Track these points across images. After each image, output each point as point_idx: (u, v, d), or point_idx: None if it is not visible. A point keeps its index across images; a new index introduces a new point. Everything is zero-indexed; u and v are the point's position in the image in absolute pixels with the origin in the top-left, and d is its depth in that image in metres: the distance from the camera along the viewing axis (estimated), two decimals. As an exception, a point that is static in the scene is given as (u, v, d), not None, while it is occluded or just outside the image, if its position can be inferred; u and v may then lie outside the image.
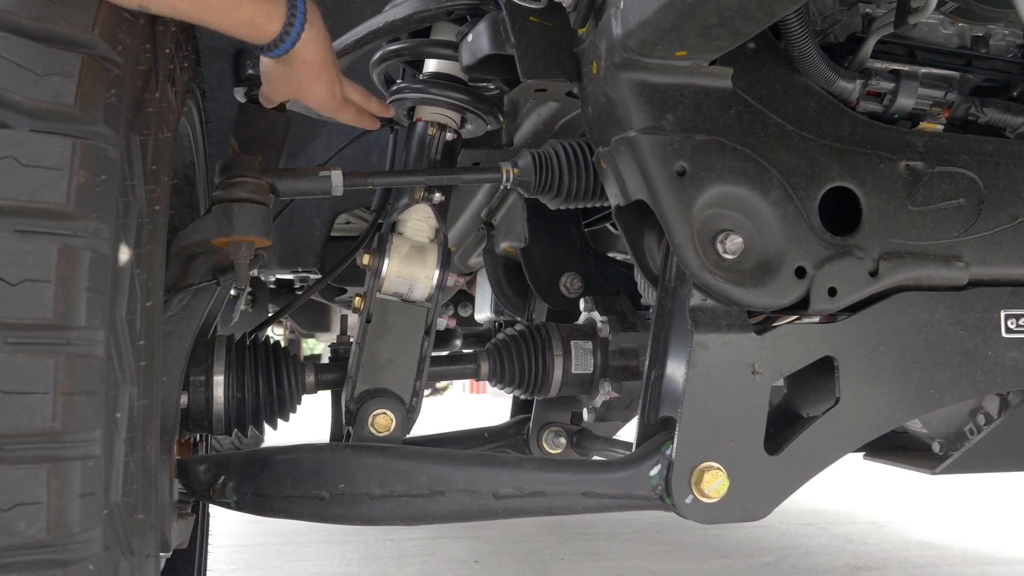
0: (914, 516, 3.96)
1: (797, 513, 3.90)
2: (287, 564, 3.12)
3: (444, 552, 3.23)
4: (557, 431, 1.67)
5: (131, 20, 0.90)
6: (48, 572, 0.71)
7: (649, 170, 1.07)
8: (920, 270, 1.15)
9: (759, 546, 3.29)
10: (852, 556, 3.18)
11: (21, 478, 0.70)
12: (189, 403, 1.26)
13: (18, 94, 0.77)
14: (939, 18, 1.25)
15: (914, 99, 1.19)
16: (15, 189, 0.74)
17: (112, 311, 0.78)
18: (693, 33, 0.95)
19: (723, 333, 1.09)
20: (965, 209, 1.19)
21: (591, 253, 1.73)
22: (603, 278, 1.71)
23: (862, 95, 1.18)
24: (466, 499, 1.12)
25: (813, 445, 1.11)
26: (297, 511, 1.17)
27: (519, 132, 1.55)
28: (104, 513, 0.75)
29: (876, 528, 3.70)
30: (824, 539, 3.45)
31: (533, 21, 1.17)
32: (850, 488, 4.57)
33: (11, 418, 0.70)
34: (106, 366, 0.76)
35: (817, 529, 3.63)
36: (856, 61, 1.19)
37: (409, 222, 1.34)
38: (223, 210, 1.12)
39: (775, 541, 3.38)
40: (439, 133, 1.34)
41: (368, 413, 1.27)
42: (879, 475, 4.76)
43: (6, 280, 0.71)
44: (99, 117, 0.80)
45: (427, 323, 1.33)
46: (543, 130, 1.50)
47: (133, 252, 0.82)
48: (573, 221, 1.75)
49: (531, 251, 1.70)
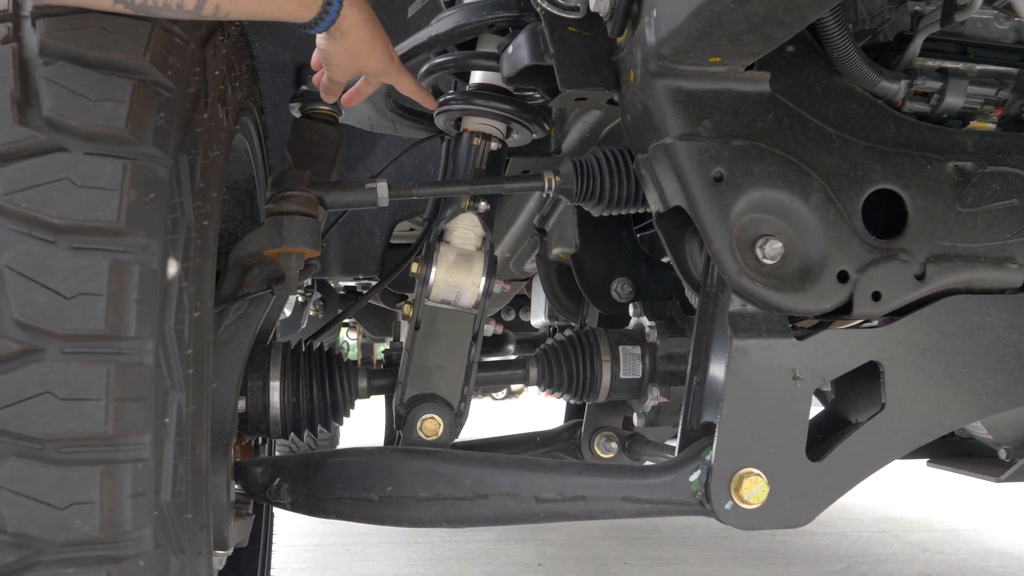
0: (995, 525, 3.82)
1: (871, 520, 3.80)
2: (355, 564, 3.18)
3: (508, 554, 3.26)
4: (609, 435, 1.68)
5: (181, 45, 0.95)
6: (102, 567, 0.76)
7: (686, 176, 1.08)
8: (970, 273, 1.13)
9: (827, 553, 3.22)
10: (925, 565, 3.09)
11: (76, 479, 0.75)
12: (247, 407, 1.31)
13: (74, 119, 0.82)
14: (993, 13, 1.22)
15: (963, 98, 1.17)
16: (70, 208, 0.79)
17: (161, 322, 0.82)
18: (724, 39, 0.96)
19: (762, 339, 1.08)
20: (1019, 210, 1.15)
21: (642, 258, 1.74)
22: (654, 283, 1.71)
23: (908, 95, 1.16)
24: (509, 503, 1.14)
25: (857, 451, 1.10)
26: (348, 512, 1.21)
27: (567, 139, 1.57)
28: (154, 513, 0.80)
29: (953, 536, 3.58)
30: (897, 547, 3.35)
31: (572, 31, 1.18)
32: (928, 494, 4.44)
33: (67, 423, 0.75)
34: (155, 374, 0.80)
35: (890, 537, 3.54)
36: (904, 60, 1.17)
37: (456, 231, 1.37)
38: (274, 223, 1.17)
39: (845, 548, 3.30)
40: (484, 143, 1.37)
41: (417, 417, 1.31)
42: (959, 481, 4.60)
43: (62, 294, 0.77)
44: (149, 139, 0.85)
45: (474, 329, 1.36)
46: (589, 137, 1.52)
47: (181, 266, 0.86)
48: (624, 226, 1.75)
49: (582, 257, 1.71)
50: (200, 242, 0.92)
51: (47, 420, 0.74)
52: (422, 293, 1.34)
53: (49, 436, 0.74)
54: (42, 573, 0.74)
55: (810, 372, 1.09)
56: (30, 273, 0.76)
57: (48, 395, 0.74)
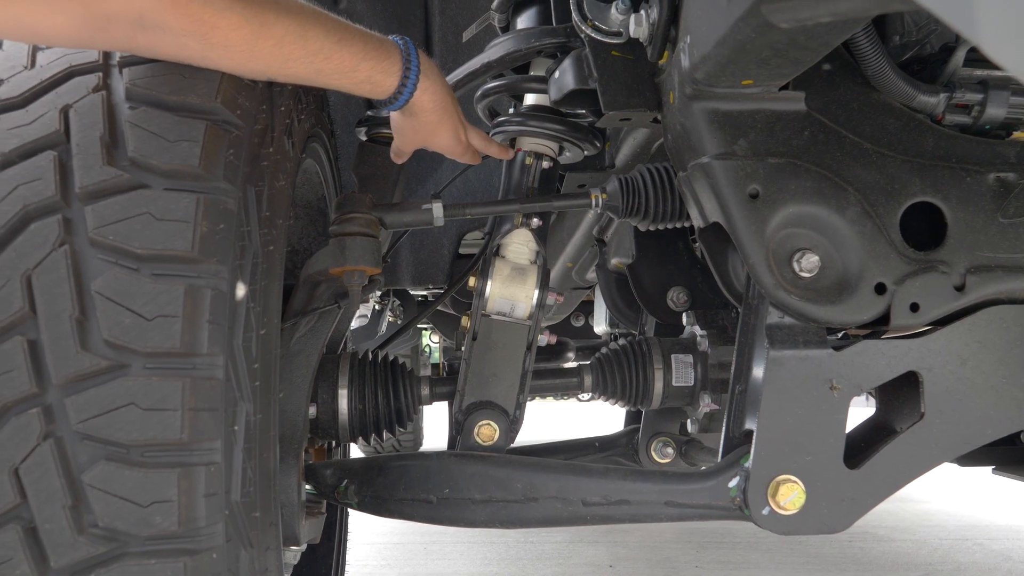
0: (1089, 534, 3.68)
1: (954, 527, 3.71)
2: (432, 562, 3.29)
3: (580, 556, 3.31)
4: (665, 441, 1.72)
5: (250, 85, 1.04)
6: (179, 559, 0.85)
7: (723, 194, 1.12)
8: (1013, 283, 1.14)
9: (904, 560, 3.17)
10: (1007, 575, 3.01)
11: (157, 480, 0.84)
12: (318, 414, 1.41)
13: (155, 159, 0.92)
14: (1038, 23, 1.22)
15: (1005, 109, 1.17)
16: (151, 239, 0.89)
17: (230, 340, 0.91)
18: (752, 64, 1.00)
19: (799, 349, 1.12)
20: (1064, 219, 1.16)
21: (698, 267, 1.77)
22: (710, 292, 1.74)
23: (948, 108, 1.18)
24: (557, 505, 1.21)
25: (896, 460, 1.12)
26: (409, 512, 1.29)
27: (619, 154, 1.62)
28: (225, 511, 0.89)
29: (1042, 546, 3.48)
30: (979, 555, 3.27)
31: (615, 55, 1.24)
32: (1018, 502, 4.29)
33: (149, 430, 0.85)
34: (225, 386, 0.89)
35: (973, 544, 3.45)
36: (946, 72, 1.19)
37: (511, 246, 1.44)
38: (337, 243, 1.27)
39: (924, 556, 3.24)
40: (536, 162, 1.43)
41: (474, 424, 1.38)
42: (1053, 489, 4.44)
43: (144, 316, 0.86)
44: (219, 174, 0.95)
45: (528, 339, 1.42)
46: (640, 152, 1.57)
47: (248, 288, 0.96)
48: (680, 237, 1.79)
49: (638, 267, 1.76)
50: (266, 266, 1.02)
51: (131, 428, 0.84)
52: (479, 305, 1.41)
53: (133, 442, 0.84)
54: (129, 563, 0.84)
55: (847, 382, 1.12)
56: (117, 298, 0.86)
57: (132, 406, 0.84)
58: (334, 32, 1.05)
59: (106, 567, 0.84)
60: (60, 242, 0.87)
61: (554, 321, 2.92)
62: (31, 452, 0.83)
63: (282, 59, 1.01)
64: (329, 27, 1.05)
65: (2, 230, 0.88)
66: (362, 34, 1.10)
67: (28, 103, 0.96)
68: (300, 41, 1.01)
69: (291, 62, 1.02)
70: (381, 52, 1.11)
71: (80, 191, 0.90)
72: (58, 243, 0.87)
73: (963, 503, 4.27)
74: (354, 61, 1.08)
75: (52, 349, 0.84)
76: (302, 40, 1.01)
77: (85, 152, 0.92)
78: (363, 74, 1.10)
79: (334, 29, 1.05)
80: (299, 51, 1.01)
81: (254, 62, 0.99)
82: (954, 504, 4.25)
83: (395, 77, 1.14)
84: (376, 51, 1.10)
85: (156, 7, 0.90)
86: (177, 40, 0.93)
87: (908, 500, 4.53)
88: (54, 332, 0.85)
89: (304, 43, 1.01)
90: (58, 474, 0.83)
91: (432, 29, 2.18)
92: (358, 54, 1.08)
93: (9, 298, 0.85)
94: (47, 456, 0.83)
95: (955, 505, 4.23)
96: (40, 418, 0.83)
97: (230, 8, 0.93)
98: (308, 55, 1.02)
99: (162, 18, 0.91)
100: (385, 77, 1.13)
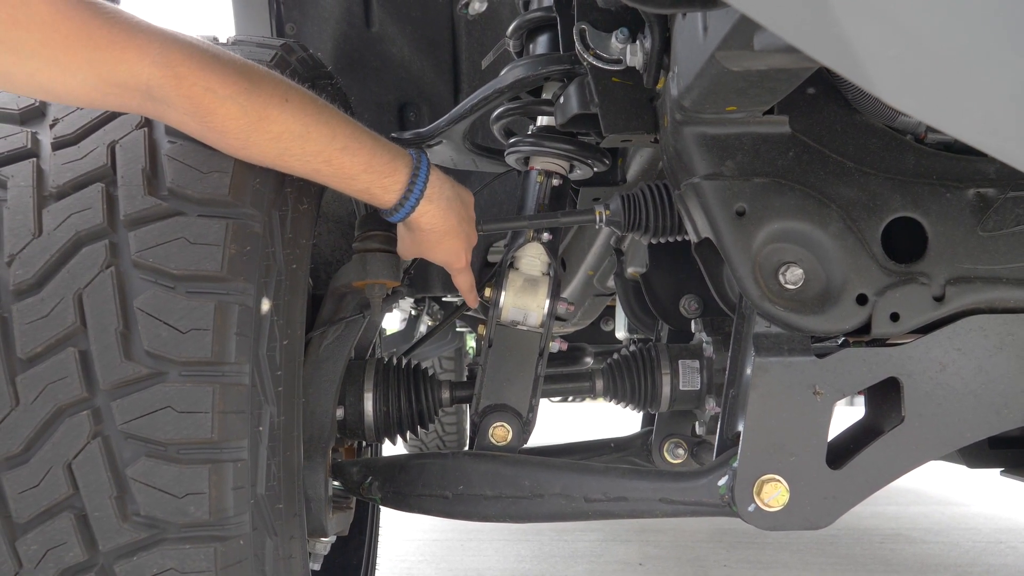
0: None
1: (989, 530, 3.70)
2: (468, 558, 3.39)
3: (612, 553, 3.39)
4: (677, 442, 1.80)
5: (275, 118, 1.15)
6: (210, 545, 0.96)
7: (712, 212, 1.20)
8: (991, 293, 1.20)
9: (935, 562, 3.18)
10: (1039, 577, 3.02)
11: (191, 474, 0.96)
12: (345, 415, 1.52)
13: (190, 189, 1.04)
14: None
15: (986, 127, 1.23)
16: (186, 261, 1.00)
17: (256, 350, 1.03)
18: (732, 93, 1.08)
19: (784, 357, 1.19)
20: (1042, 232, 1.21)
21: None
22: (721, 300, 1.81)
23: (930, 127, 1.24)
24: (562, 502, 1.30)
25: (877, 460, 1.19)
26: (428, 507, 1.39)
27: (630, 170, 1.70)
28: (251, 502, 1.00)
29: (1080, 549, 3.46)
30: (1011, 558, 3.27)
31: (615, 81, 1.33)
32: (1060, 506, 4.26)
33: (184, 430, 0.96)
34: (251, 391, 1.01)
35: (1006, 547, 3.44)
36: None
37: (523, 258, 1.53)
38: (360, 259, 1.38)
39: (955, 558, 3.25)
40: (546, 180, 1.52)
41: (489, 425, 1.47)
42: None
43: (179, 329, 0.98)
44: (247, 201, 1.06)
45: (540, 346, 1.51)
46: (648, 168, 1.65)
47: (272, 303, 1.07)
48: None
49: (651, 276, 1.84)
50: (290, 282, 1.13)
51: (169, 428, 0.95)
52: (494, 314, 1.51)
53: (170, 440, 0.95)
54: (167, 547, 0.96)
55: (830, 387, 1.19)
56: (156, 313, 0.98)
57: (169, 409, 0.96)
58: (340, 138, 1.06)
59: (147, 551, 0.95)
60: (107, 264, 0.99)
61: (581, 325, 3.00)
62: (82, 449, 0.95)
63: (277, 153, 1.03)
64: (337, 132, 1.06)
65: (57, 254, 1.00)
66: (372, 144, 1.11)
67: (80, 140, 1.08)
68: (299, 141, 1.03)
69: (287, 157, 1.04)
70: (387, 167, 1.13)
71: (125, 219, 1.01)
72: (105, 265, 0.99)
73: (1003, 507, 4.24)
74: (355, 170, 1.09)
75: (100, 359, 0.96)
76: (301, 140, 1.03)
77: (129, 183, 1.03)
78: (361, 184, 1.12)
79: (342, 135, 1.06)
80: (296, 150, 1.03)
81: (248, 150, 1.02)
82: (993, 507, 4.22)
83: (394, 194, 1.15)
84: (382, 165, 1.12)
85: (161, 83, 0.95)
86: (179, 116, 0.99)
87: (946, 503, 4.52)
88: (102, 344, 0.97)
89: (303, 144, 1.03)
90: (105, 468, 0.94)
91: (459, 50, 2.29)
92: (360, 164, 1.09)
93: (63, 314, 0.98)
94: (96, 453, 0.95)
95: (994, 508, 4.20)
96: (90, 419, 0.95)
97: (231, 99, 0.97)
98: (306, 155, 1.04)
99: (165, 93, 0.96)
100: (383, 192, 1.14)
